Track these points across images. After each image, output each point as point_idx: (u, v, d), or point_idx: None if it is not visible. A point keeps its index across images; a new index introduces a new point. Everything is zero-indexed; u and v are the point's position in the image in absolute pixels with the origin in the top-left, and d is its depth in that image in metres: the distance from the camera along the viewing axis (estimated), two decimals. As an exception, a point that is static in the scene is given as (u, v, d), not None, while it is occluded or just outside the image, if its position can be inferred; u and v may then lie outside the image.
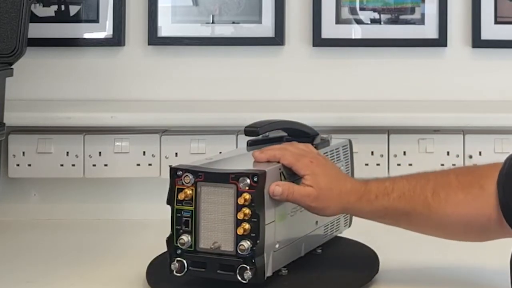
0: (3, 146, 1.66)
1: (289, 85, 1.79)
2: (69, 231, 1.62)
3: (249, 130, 1.27)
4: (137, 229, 1.62)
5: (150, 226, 1.59)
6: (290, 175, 1.19)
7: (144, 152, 1.67)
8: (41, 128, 1.68)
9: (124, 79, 1.80)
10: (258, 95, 1.79)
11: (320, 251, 1.32)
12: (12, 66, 1.49)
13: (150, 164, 1.67)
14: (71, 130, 1.67)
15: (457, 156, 1.65)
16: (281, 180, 1.17)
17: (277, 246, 1.16)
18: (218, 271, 1.13)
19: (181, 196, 1.15)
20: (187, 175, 1.15)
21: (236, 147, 1.64)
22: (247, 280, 1.12)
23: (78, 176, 1.68)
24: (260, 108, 1.70)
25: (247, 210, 1.11)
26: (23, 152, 1.67)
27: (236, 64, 1.80)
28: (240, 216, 1.11)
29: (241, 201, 1.11)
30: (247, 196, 1.11)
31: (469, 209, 1.14)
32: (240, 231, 1.11)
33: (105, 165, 1.68)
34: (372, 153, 1.61)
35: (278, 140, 1.31)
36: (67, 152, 1.67)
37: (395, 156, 1.66)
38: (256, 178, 1.12)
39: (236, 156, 1.29)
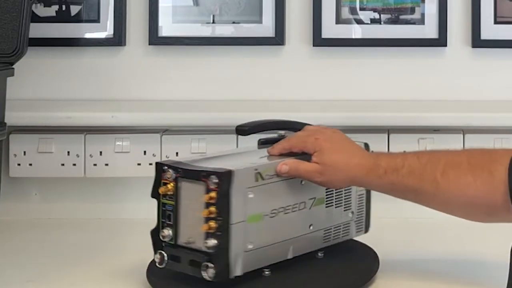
0: (4, 145, 1.66)
1: (289, 85, 1.80)
2: (70, 230, 1.62)
3: (239, 129, 1.30)
4: (137, 229, 1.61)
5: (150, 225, 1.59)
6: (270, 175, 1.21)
7: (144, 152, 1.68)
8: (42, 128, 1.68)
9: (125, 79, 1.80)
10: (258, 95, 1.79)
11: (321, 255, 1.30)
12: (13, 66, 1.49)
13: (151, 164, 1.67)
14: (72, 129, 1.68)
15: (457, 156, 1.65)
16: (256, 180, 1.18)
17: (250, 246, 1.17)
18: (189, 266, 1.16)
19: (163, 190, 1.18)
20: (168, 171, 1.18)
21: (237, 146, 1.65)
22: (211, 278, 1.13)
23: (79, 176, 1.68)
24: (260, 108, 1.70)
25: (213, 208, 1.13)
26: (24, 152, 1.68)
27: (236, 64, 1.80)
28: (206, 213, 1.13)
29: (207, 198, 1.13)
30: (213, 194, 1.13)
31: (476, 192, 1.14)
32: (205, 228, 1.13)
33: (106, 164, 1.68)
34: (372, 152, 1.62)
35: None
36: (68, 152, 1.68)
37: (395, 155, 1.66)
38: (220, 178, 1.13)
39: (229, 154, 1.30)
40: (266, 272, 1.21)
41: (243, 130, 1.30)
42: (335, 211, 1.31)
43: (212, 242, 1.12)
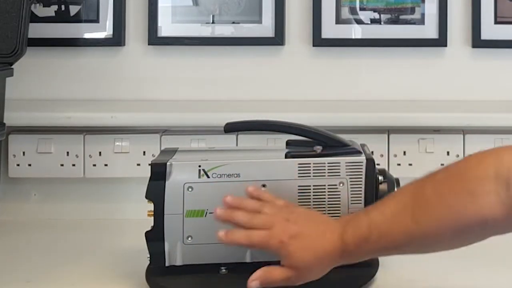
0: (3, 146, 1.67)
1: (289, 85, 1.79)
2: (69, 231, 1.62)
3: (226, 127, 1.31)
4: (137, 229, 1.61)
5: (150, 226, 1.59)
6: None
7: (144, 152, 1.67)
8: (41, 128, 1.68)
9: (124, 79, 1.80)
10: (258, 95, 1.79)
11: None
12: (12, 66, 1.49)
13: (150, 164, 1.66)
14: (71, 130, 1.68)
15: (457, 156, 1.65)
16: (199, 177, 1.21)
17: (189, 239, 1.21)
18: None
19: None
20: None
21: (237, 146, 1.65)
22: (149, 262, 1.23)
23: (78, 176, 1.68)
24: (260, 108, 1.70)
25: (151, 198, 1.22)
26: (23, 152, 1.68)
27: (236, 64, 1.80)
28: (148, 202, 1.22)
29: (148, 188, 1.22)
30: (151, 184, 1.22)
31: (459, 218, 1.04)
32: (148, 215, 1.22)
33: (105, 165, 1.68)
34: (372, 153, 1.61)
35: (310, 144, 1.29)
36: (67, 152, 1.67)
37: (395, 156, 1.66)
38: (156, 169, 1.21)
39: (221, 150, 1.34)
40: (223, 270, 1.23)
41: (228, 128, 1.31)
42: None
43: (151, 231, 1.22)
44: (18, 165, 1.68)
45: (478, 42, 1.76)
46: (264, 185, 1.23)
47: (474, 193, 1.03)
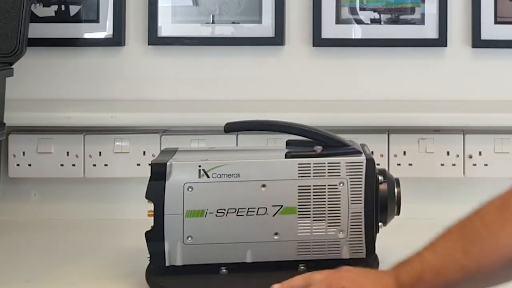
0: (3, 146, 1.67)
1: (289, 85, 1.79)
2: (69, 231, 1.62)
3: (226, 127, 1.31)
4: (137, 229, 1.61)
5: (149, 226, 1.59)
6: None
7: (144, 152, 1.67)
8: (41, 128, 1.68)
9: (124, 79, 1.80)
10: (258, 95, 1.79)
11: (303, 268, 1.25)
12: (12, 66, 1.49)
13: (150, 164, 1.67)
14: (71, 130, 1.68)
15: (457, 156, 1.66)
16: (200, 176, 1.21)
17: (189, 239, 1.21)
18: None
19: None
20: None
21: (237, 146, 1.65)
22: (149, 262, 1.23)
23: (78, 176, 1.68)
24: (260, 108, 1.70)
25: (151, 198, 1.22)
26: (23, 152, 1.68)
27: (236, 64, 1.80)
28: (148, 202, 1.22)
29: (148, 188, 1.23)
30: (151, 184, 1.22)
31: (510, 250, 1.02)
32: (148, 215, 1.22)
33: (105, 165, 1.68)
34: (372, 153, 1.62)
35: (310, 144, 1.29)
36: (67, 152, 1.67)
37: (395, 156, 1.66)
38: (155, 169, 1.22)
39: (221, 150, 1.35)
40: (223, 270, 1.23)
41: (228, 128, 1.31)
42: (314, 224, 1.25)
43: (151, 231, 1.22)
44: (18, 165, 1.68)
45: (478, 42, 1.76)
46: (264, 185, 1.23)
47: None
